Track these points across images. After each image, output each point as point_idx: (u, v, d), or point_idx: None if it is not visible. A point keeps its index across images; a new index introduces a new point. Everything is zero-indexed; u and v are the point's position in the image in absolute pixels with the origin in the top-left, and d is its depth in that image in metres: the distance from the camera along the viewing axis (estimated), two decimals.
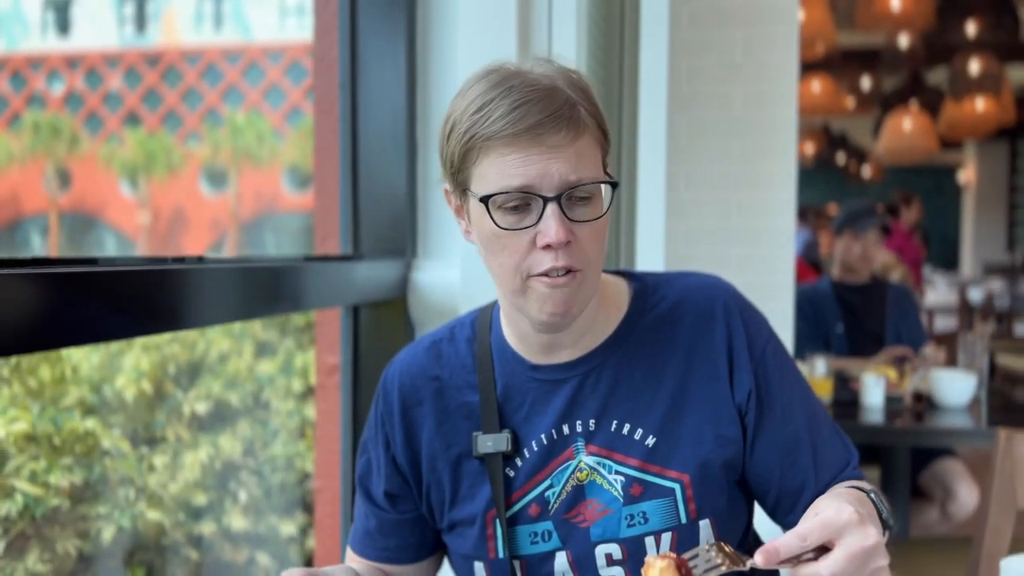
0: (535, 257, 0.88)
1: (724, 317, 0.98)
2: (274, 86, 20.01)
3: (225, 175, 19.94)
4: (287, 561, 2.63)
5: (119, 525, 2.07)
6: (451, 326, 1.07)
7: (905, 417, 2.39)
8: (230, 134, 19.55)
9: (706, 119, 2.47)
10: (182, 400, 2.44)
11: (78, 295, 0.76)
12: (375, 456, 1.04)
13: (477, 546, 0.98)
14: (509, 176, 0.86)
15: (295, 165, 20.12)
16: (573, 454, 0.97)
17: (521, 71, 0.90)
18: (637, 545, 0.95)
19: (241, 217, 20.18)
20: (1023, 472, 1.73)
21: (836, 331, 3.04)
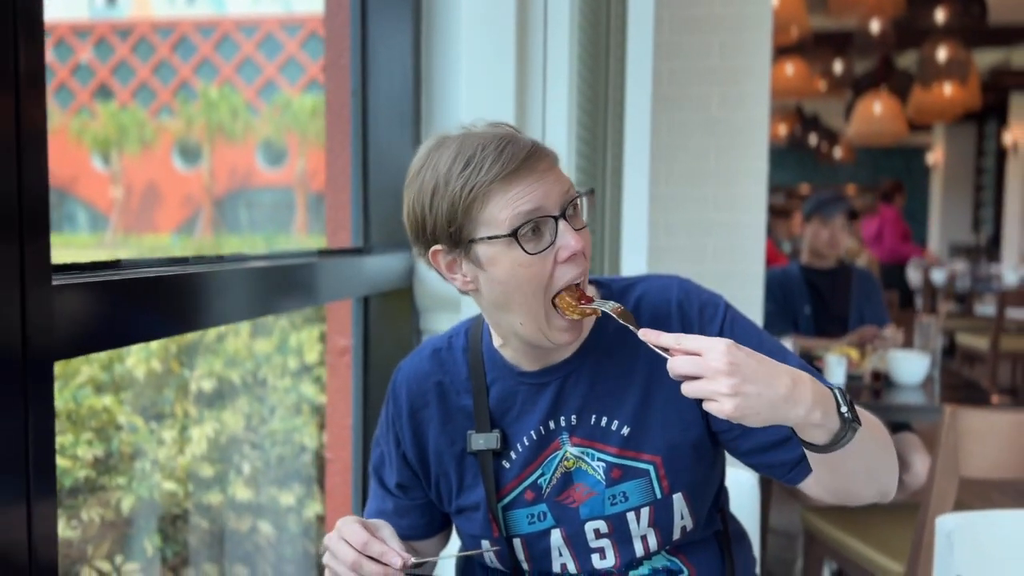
0: (560, 272, 0.99)
1: (679, 315, 1.09)
2: (247, 60, 19.74)
3: (199, 150, 19.64)
4: (286, 530, 2.77)
5: (138, 495, 2.21)
6: (448, 335, 1.20)
7: (864, 394, 2.57)
8: (203, 108, 19.24)
9: (685, 119, 2.63)
10: (189, 378, 2.57)
11: (117, 300, 0.89)
12: (387, 451, 1.19)
13: (483, 527, 1.14)
14: (521, 206, 0.96)
15: (269, 140, 19.85)
16: (560, 446, 1.10)
17: (471, 132, 1.01)
18: (620, 520, 1.09)
19: (215, 193, 19.92)
20: (966, 443, 1.92)
21: (804, 313, 3.22)
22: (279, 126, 19.52)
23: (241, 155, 19.13)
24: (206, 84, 18.75)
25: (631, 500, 1.09)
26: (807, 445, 0.94)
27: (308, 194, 17.43)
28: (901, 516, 2.40)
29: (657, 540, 1.11)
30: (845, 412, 0.91)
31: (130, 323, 0.88)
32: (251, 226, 19.07)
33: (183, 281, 0.98)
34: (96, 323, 0.82)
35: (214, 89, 18.71)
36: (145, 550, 2.24)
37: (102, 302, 0.83)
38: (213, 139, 18.62)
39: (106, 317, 0.84)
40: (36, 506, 0.72)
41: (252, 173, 19.37)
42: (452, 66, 1.78)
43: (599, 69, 2.13)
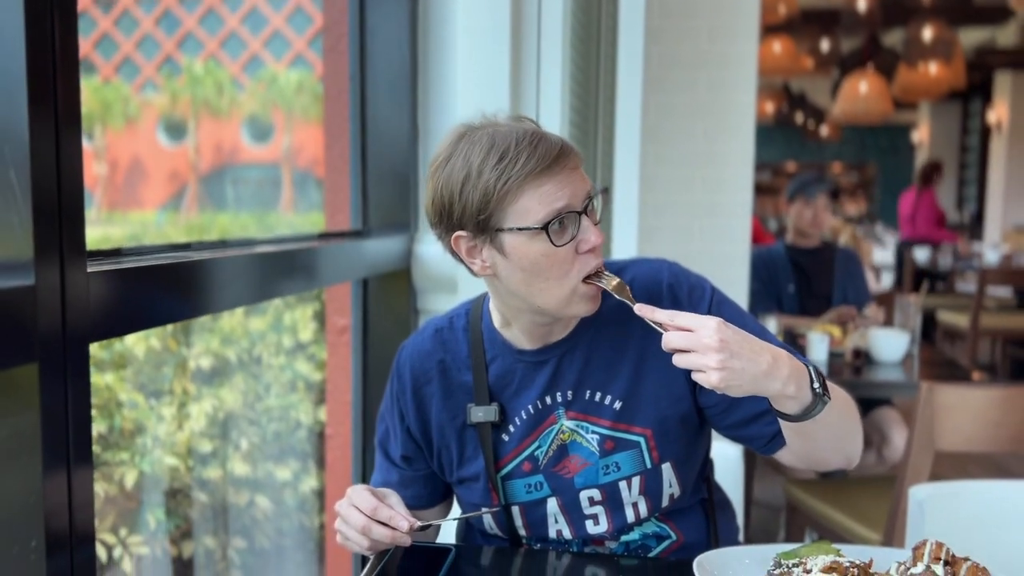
0: (581, 262, 1.06)
1: (669, 297, 1.16)
2: (232, 34, 19.51)
3: (184, 126, 19.47)
4: (283, 504, 2.84)
5: (140, 470, 2.27)
6: (450, 316, 1.26)
7: (846, 371, 2.64)
8: (188, 84, 19.02)
9: (674, 102, 2.68)
10: (187, 356, 2.61)
11: (143, 286, 0.94)
12: (391, 425, 1.26)
13: (483, 496, 1.21)
14: (553, 201, 1.03)
15: (255, 116, 19.70)
16: (556, 419, 1.17)
17: (498, 123, 1.07)
18: (613, 488, 1.17)
19: (200, 169, 19.77)
20: (941, 418, 2.00)
21: (788, 291, 3.29)
22: (265, 102, 19.34)
23: (226, 131, 18.91)
24: (191, 59, 18.49)
25: (623, 470, 1.16)
26: (781, 415, 1.02)
27: (294, 171, 17.48)
28: (879, 488, 2.49)
29: (647, 507, 1.18)
30: (816, 387, 1.00)
31: (155, 307, 0.94)
32: (237, 203, 19.02)
33: (201, 267, 1.04)
34: (125, 307, 0.87)
35: (199, 64, 18.46)
36: (148, 523, 2.31)
37: (131, 287, 0.88)
38: (198, 115, 18.39)
39: (134, 301, 0.89)
40: (76, 473, 0.78)
41: (238, 149, 19.17)
42: (448, 51, 1.82)
43: (591, 53, 2.18)
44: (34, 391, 0.73)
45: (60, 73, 0.75)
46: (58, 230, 0.74)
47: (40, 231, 0.73)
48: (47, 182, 0.73)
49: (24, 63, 0.69)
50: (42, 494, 0.75)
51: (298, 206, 8.11)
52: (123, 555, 2.20)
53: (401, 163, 1.80)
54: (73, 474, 0.78)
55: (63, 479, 0.77)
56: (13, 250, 0.72)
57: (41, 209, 0.73)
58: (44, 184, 0.73)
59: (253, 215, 7.78)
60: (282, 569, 2.74)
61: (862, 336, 2.75)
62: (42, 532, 0.75)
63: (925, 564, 0.97)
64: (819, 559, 0.99)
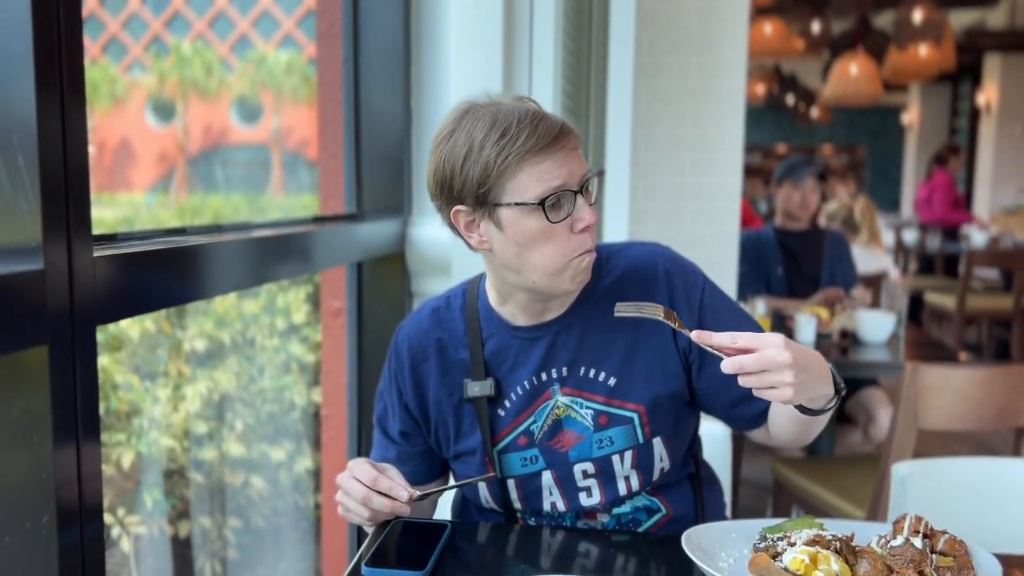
0: (575, 240, 1.10)
1: (665, 280, 1.21)
2: (220, 14, 19.36)
3: (172, 107, 19.37)
4: (277, 484, 2.87)
5: (137, 451, 2.29)
6: (447, 295, 1.30)
7: (833, 351, 2.68)
8: (176, 64, 18.90)
9: (664, 86, 2.70)
10: (181, 338, 2.64)
11: (147, 269, 0.96)
12: (390, 403, 1.29)
13: (480, 470, 1.24)
14: (550, 179, 1.07)
15: (244, 97, 19.61)
16: (551, 395, 1.21)
17: (499, 102, 1.11)
18: (606, 462, 1.21)
19: (189, 150, 19.68)
20: (925, 397, 2.04)
21: (776, 274, 3.32)
22: (254, 82, 19.26)
23: (215, 112, 18.81)
24: (178, 39, 18.34)
25: (616, 444, 1.20)
26: (804, 410, 1.06)
27: (284, 152, 17.46)
28: (864, 466, 2.54)
29: (639, 480, 1.22)
30: (840, 383, 1.06)
31: (159, 290, 0.96)
32: (227, 184, 18.97)
33: (202, 251, 1.06)
34: (130, 290, 0.90)
35: (187, 44, 18.31)
36: (146, 503, 2.34)
37: (135, 271, 0.91)
38: (187, 96, 18.28)
39: (139, 285, 0.91)
40: (84, 451, 0.81)
41: (227, 130, 19.08)
42: (441, 35, 1.84)
43: (583, 38, 2.19)
44: (44, 373, 0.76)
45: (66, 62, 0.76)
46: (65, 215, 0.76)
47: (48, 216, 0.75)
48: (54, 169, 0.75)
49: (32, 58, 0.71)
50: (53, 471, 0.77)
51: (288, 187, 8.08)
52: (121, 534, 2.23)
53: (395, 147, 1.82)
54: (82, 452, 0.80)
55: (72, 457, 0.79)
56: (23, 235, 0.74)
57: (49, 195, 0.75)
58: (51, 171, 0.75)
59: (244, 197, 7.75)
60: (278, 548, 2.78)
61: (849, 317, 2.79)
62: (53, 508, 0.77)
63: (905, 537, 1.01)
64: (803, 533, 1.02)
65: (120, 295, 0.88)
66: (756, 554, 1.02)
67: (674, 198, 2.82)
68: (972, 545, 1.04)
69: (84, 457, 0.81)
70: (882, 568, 0.98)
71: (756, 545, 1.04)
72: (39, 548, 0.78)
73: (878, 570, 0.98)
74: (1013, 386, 2.04)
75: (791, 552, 0.99)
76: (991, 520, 1.43)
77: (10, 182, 0.73)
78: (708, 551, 1.05)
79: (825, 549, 0.99)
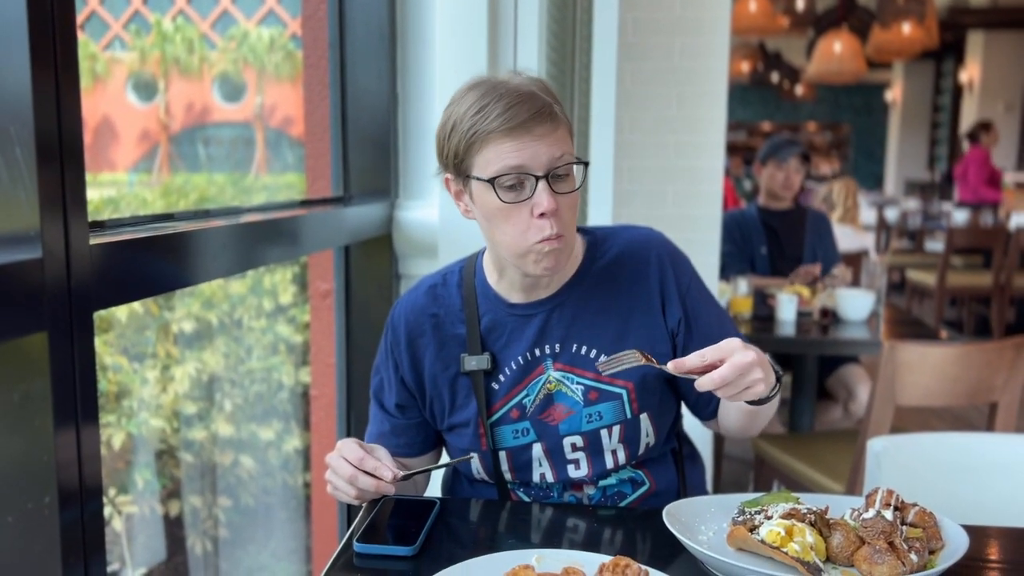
0: (535, 226, 1.13)
1: (657, 264, 1.26)
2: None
3: (154, 84, 19.20)
4: (266, 463, 2.90)
5: (127, 431, 2.32)
6: (443, 273, 1.33)
7: (813, 330, 2.73)
8: (157, 41, 18.71)
9: (648, 68, 2.71)
10: (169, 319, 2.65)
11: (143, 255, 0.98)
12: (386, 376, 1.32)
13: (472, 442, 1.28)
14: (508, 159, 1.11)
15: (226, 74, 19.46)
16: (543, 370, 1.25)
17: (503, 81, 1.15)
18: (595, 436, 1.25)
19: (172, 129, 19.51)
20: (902, 374, 2.09)
21: (760, 253, 3.36)
22: (236, 60, 19.10)
23: (198, 90, 18.65)
24: (159, 16, 18.12)
25: (605, 419, 1.25)
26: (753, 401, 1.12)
27: (267, 130, 17.41)
28: (844, 442, 2.59)
29: (625, 454, 1.27)
30: (779, 371, 1.12)
31: (153, 275, 0.98)
32: (210, 163, 18.87)
33: (194, 237, 1.08)
34: (126, 276, 0.92)
35: (168, 21, 18.11)
36: (137, 483, 2.36)
37: (130, 257, 0.93)
38: (168, 73, 18.11)
39: (134, 271, 0.93)
40: (84, 433, 0.83)
41: (210, 108, 18.93)
42: (427, 18, 1.85)
43: (567, 21, 2.20)
44: (44, 358, 0.78)
45: (60, 52, 0.78)
46: (62, 204, 0.78)
47: (45, 205, 0.77)
48: (51, 159, 0.77)
49: (28, 50, 0.72)
50: (54, 453, 0.80)
51: (272, 166, 8.02)
52: (113, 514, 2.26)
53: (381, 129, 1.83)
54: (81, 434, 0.83)
55: (72, 439, 0.82)
56: (21, 224, 0.76)
57: (46, 185, 0.77)
58: (48, 161, 0.77)
59: (228, 176, 7.70)
60: (269, 526, 2.81)
61: (830, 296, 2.84)
62: (55, 488, 0.80)
63: (876, 509, 1.05)
64: (779, 506, 1.06)
65: (116, 281, 0.90)
66: (734, 527, 1.05)
67: (658, 180, 2.84)
68: (941, 517, 1.08)
69: (84, 439, 0.83)
70: (854, 539, 1.02)
71: (734, 519, 1.08)
72: (41, 527, 0.80)
73: (850, 541, 1.02)
74: (987, 363, 2.09)
75: (768, 525, 1.03)
76: (963, 493, 1.48)
77: (8, 173, 0.75)
78: (688, 525, 1.09)
79: (800, 522, 1.03)
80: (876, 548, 0.99)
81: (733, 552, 1.04)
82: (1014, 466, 1.50)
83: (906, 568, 0.98)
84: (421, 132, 1.86)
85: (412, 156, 1.87)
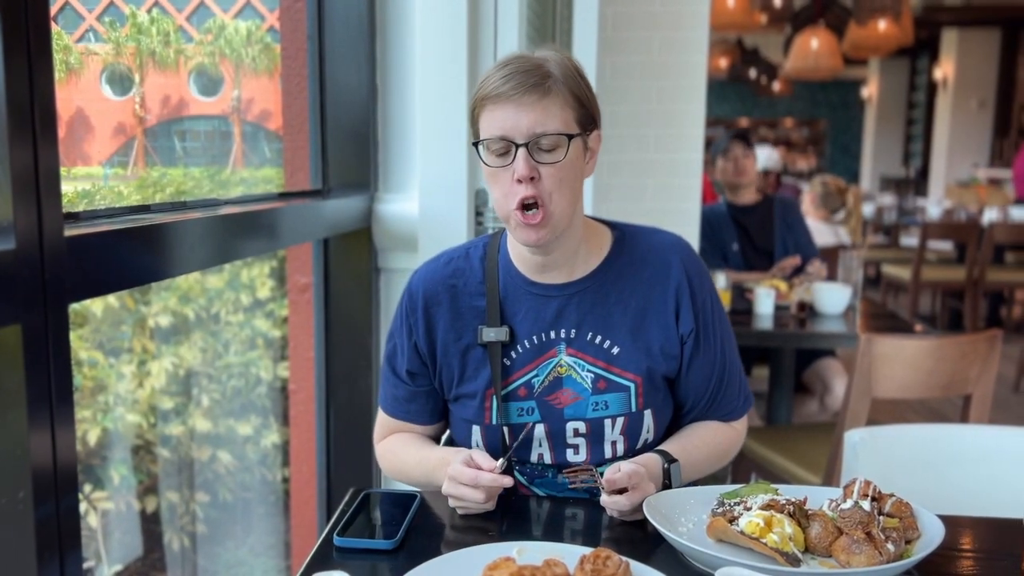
0: (513, 190, 1.18)
1: (679, 268, 1.30)
2: None
3: (129, 77, 18.99)
4: (244, 458, 2.88)
5: (103, 427, 2.29)
6: (466, 247, 1.37)
7: (791, 323, 2.75)
8: (132, 33, 18.49)
9: (628, 62, 2.71)
10: (145, 314, 2.62)
11: (119, 247, 0.97)
12: (400, 343, 1.35)
13: (476, 414, 1.30)
14: (492, 127, 1.17)
15: (203, 67, 19.30)
16: (556, 353, 1.28)
17: (525, 55, 1.20)
18: (598, 424, 1.28)
19: (147, 122, 19.32)
20: (879, 367, 2.12)
21: (732, 249, 3.35)
22: (213, 53, 18.96)
23: (174, 83, 18.49)
24: (134, 8, 17.91)
25: (610, 409, 1.28)
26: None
27: (244, 124, 17.34)
28: (820, 435, 2.62)
29: (624, 446, 1.29)
30: (668, 482, 1.22)
31: (129, 268, 0.97)
32: (186, 157, 18.74)
33: (171, 229, 1.07)
34: (102, 268, 0.90)
35: (143, 13, 17.91)
36: (112, 479, 2.33)
37: (106, 249, 0.91)
38: (144, 66, 17.93)
39: (110, 263, 0.92)
40: (59, 427, 0.82)
41: (186, 101, 18.78)
42: (407, 10, 1.83)
43: (547, 14, 2.20)
44: (18, 351, 0.77)
45: (33, 40, 0.76)
46: (36, 195, 0.77)
47: (18, 196, 0.76)
48: (24, 149, 0.76)
49: (0, 43, 0.71)
50: (28, 447, 0.78)
51: (249, 160, 7.99)
52: (88, 510, 2.23)
53: (360, 122, 1.82)
54: (56, 428, 0.82)
55: (47, 433, 0.81)
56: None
57: (19, 175, 0.75)
58: (21, 151, 0.75)
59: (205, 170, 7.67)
60: (247, 522, 2.79)
61: (807, 290, 2.86)
62: (29, 483, 0.79)
63: (854, 500, 1.06)
64: (758, 498, 1.07)
65: (92, 273, 0.89)
66: (714, 518, 1.06)
67: (637, 173, 2.85)
68: (917, 507, 1.09)
69: (59, 433, 0.82)
70: (832, 530, 1.03)
71: (714, 510, 1.09)
72: (16, 522, 0.79)
73: (829, 532, 1.03)
74: (962, 355, 2.11)
75: (747, 516, 1.03)
76: (938, 484, 1.50)
77: None
78: (668, 517, 1.10)
79: (779, 513, 1.04)
80: (854, 538, 1.00)
81: (713, 543, 1.05)
82: (988, 457, 1.52)
83: (883, 558, 0.99)
84: (401, 124, 1.85)
85: (392, 149, 1.86)
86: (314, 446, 1.91)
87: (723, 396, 1.35)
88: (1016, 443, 1.51)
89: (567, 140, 1.18)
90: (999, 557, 1.08)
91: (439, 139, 1.77)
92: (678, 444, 1.31)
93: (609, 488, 1.13)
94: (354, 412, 1.93)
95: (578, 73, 1.22)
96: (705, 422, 1.37)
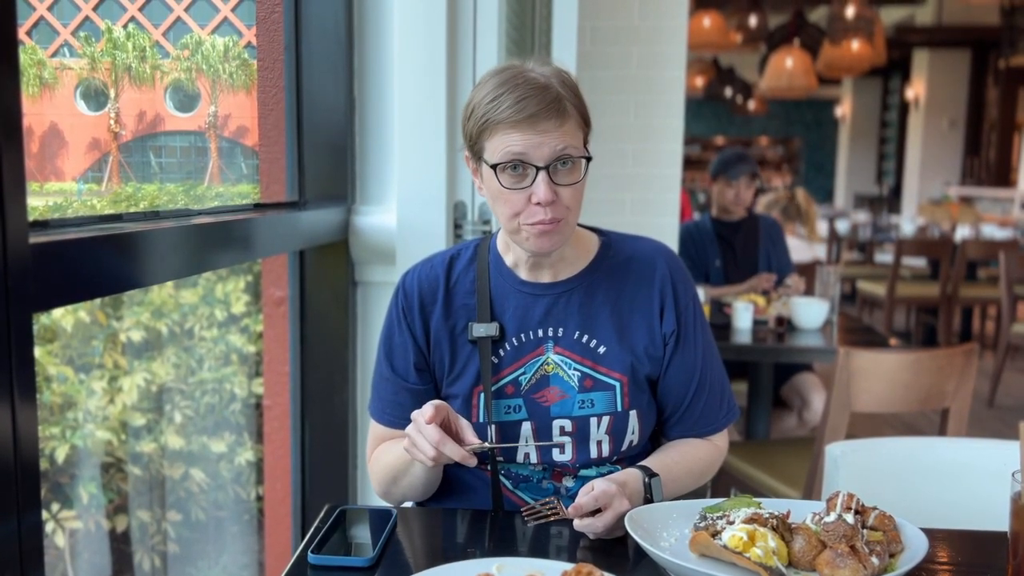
0: (530, 210, 1.19)
1: (663, 271, 1.34)
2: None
3: (104, 92, 18.85)
4: (219, 476, 2.83)
5: (72, 444, 2.23)
6: (458, 248, 1.39)
7: (769, 338, 2.75)
8: (108, 49, 18.37)
9: (606, 77, 2.72)
10: (117, 329, 2.57)
11: (87, 256, 0.94)
12: (399, 341, 1.34)
13: (462, 411, 1.29)
14: (512, 149, 1.17)
15: (179, 83, 19.19)
16: (543, 351, 1.30)
17: (524, 70, 1.20)
18: (584, 422, 1.29)
19: (122, 137, 19.17)
20: (857, 381, 2.12)
21: (715, 265, 3.36)
22: (189, 68, 18.87)
23: (150, 98, 18.39)
24: (110, 23, 17.82)
25: (596, 407, 1.29)
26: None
27: (221, 140, 17.25)
28: (798, 448, 2.61)
29: (610, 447, 1.30)
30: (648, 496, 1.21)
31: (96, 277, 0.94)
32: (161, 173, 18.59)
33: (141, 238, 1.04)
34: (67, 277, 0.88)
35: (119, 28, 17.83)
36: (81, 498, 2.28)
37: (72, 258, 0.89)
38: (119, 81, 17.82)
39: (76, 272, 0.89)
40: (21, 444, 0.79)
41: (162, 117, 18.68)
42: (385, 22, 1.82)
43: (526, 27, 2.20)
44: None
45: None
46: (0, 201, 0.74)
47: None
48: None
49: None
50: None
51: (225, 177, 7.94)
52: (56, 529, 2.18)
53: (337, 134, 1.80)
54: (19, 443, 0.79)
55: (9, 448, 0.78)
56: None
57: None
58: None
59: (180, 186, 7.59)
60: (220, 541, 2.74)
61: (784, 304, 2.87)
62: None
63: (837, 513, 1.04)
64: (741, 511, 1.05)
65: (57, 282, 0.86)
66: (696, 533, 1.04)
67: (616, 187, 2.85)
68: (900, 520, 1.08)
69: (21, 448, 0.79)
70: (816, 543, 1.02)
71: (696, 524, 1.07)
72: None
73: (812, 545, 1.01)
74: (939, 369, 2.12)
75: (730, 530, 1.02)
76: (918, 497, 1.49)
77: None
78: (651, 531, 1.08)
79: (762, 527, 1.02)
80: (838, 552, 0.99)
81: (695, 558, 1.03)
82: (966, 470, 1.52)
83: (867, 571, 0.97)
84: (379, 136, 1.84)
85: (370, 161, 1.85)
86: (289, 463, 1.87)
87: (704, 404, 1.35)
88: (993, 456, 1.51)
89: (585, 163, 1.21)
90: (982, 570, 1.08)
91: (417, 151, 1.75)
92: (658, 460, 1.30)
93: (576, 514, 1.13)
94: (330, 428, 1.90)
95: (578, 88, 1.24)
96: (686, 439, 1.37)
